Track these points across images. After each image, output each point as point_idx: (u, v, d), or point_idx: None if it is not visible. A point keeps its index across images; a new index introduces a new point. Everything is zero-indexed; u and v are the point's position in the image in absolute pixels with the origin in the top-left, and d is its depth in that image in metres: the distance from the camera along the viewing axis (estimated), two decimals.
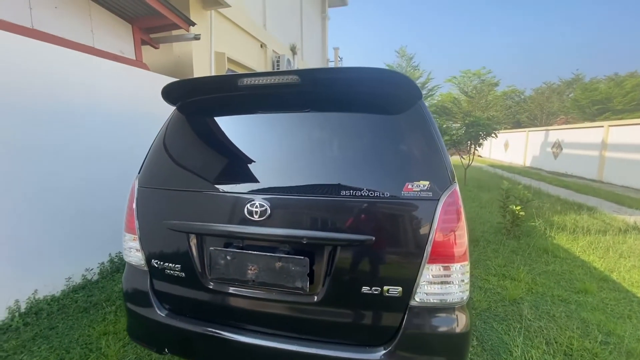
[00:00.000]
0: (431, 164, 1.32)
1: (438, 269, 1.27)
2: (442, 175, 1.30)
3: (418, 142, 1.37)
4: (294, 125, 1.53)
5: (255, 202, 1.35)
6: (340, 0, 13.56)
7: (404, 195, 1.27)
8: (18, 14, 2.71)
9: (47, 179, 2.76)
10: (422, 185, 1.27)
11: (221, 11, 5.54)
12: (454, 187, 1.30)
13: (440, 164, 1.32)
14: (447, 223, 1.26)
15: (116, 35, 3.74)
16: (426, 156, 1.34)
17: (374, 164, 1.35)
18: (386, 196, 1.28)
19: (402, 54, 29.37)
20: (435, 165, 1.32)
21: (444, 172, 1.31)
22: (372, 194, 1.28)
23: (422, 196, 1.26)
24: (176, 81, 1.64)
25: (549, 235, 4.70)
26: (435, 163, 1.32)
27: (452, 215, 1.27)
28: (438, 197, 1.26)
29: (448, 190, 1.28)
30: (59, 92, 2.77)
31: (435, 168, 1.32)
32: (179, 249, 1.52)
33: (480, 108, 25.58)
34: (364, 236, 1.27)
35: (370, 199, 1.28)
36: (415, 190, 1.27)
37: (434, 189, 1.27)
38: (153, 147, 1.72)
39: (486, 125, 8.75)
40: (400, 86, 1.42)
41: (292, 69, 7.90)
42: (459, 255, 1.28)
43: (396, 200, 1.28)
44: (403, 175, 1.30)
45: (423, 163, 1.33)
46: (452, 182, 1.31)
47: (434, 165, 1.32)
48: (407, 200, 1.27)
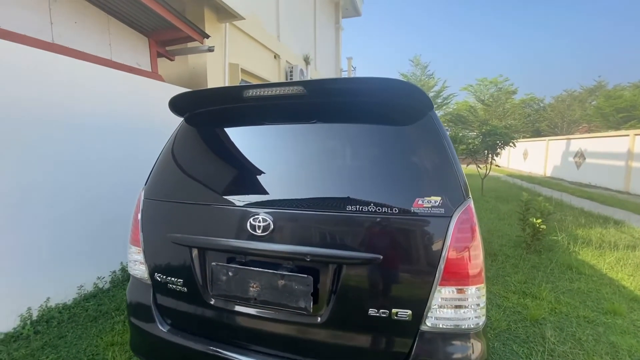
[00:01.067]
0: (443, 178, 1.24)
1: (451, 291, 1.18)
2: (455, 190, 1.22)
3: (429, 155, 1.30)
4: (299, 137, 1.49)
5: (259, 216, 1.31)
6: (354, 11, 13.67)
7: (414, 212, 1.19)
8: (39, 29, 2.81)
9: (64, 187, 2.81)
10: (433, 200, 1.19)
11: (235, 23, 5.65)
12: (468, 202, 1.22)
13: (452, 178, 1.24)
14: (460, 242, 1.17)
15: (133, 48, 3.85)
16: (438, 170, 1.27)
17: (382, 178, 1.29)
18: (395, 212, 1.20)
19: (416, 63, 29.34)
20: (448, 179, 1.24)
21: (457, 187, 1.23)
22: (379, 210, 1.21)
23: (433, 212, 1.18)
24: (183, 92, 1.63)
25: (572, 250, 4.46)
26: (448, 177, 1.24)
27: (466, 234, 1.18)
28: (451, 213, 1.18)
29: (462, 206, 1.20)
30: (74, 104, 2.84)
31: (447, 182, 1.24)
32: (182, 263, 1.48)
33: (497, 116, 25.11)
34: (371, 254, 1.20)
35: (378, 215, 1.21)
36: (426, 206, 1.19)
37: (446, 204, 1.19)
38: (160, 158, 1.71)
39: (504, 134, 8.51)
40: (409, 96, 1.36)
41: (305, 79, 7.94)
42: (474, 277, 1.18)
43: (406, 217, 1.20)
44: (413, 190, 1.23)
45: (434, 177, 1.25)
46: (465, 197, 1.22)
47: (446, 179, 1.24)
48: (418, 216, 1.19)
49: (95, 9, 3.34)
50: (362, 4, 13.86)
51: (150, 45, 4.06)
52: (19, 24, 2.68)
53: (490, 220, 6.17)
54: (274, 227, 1.29)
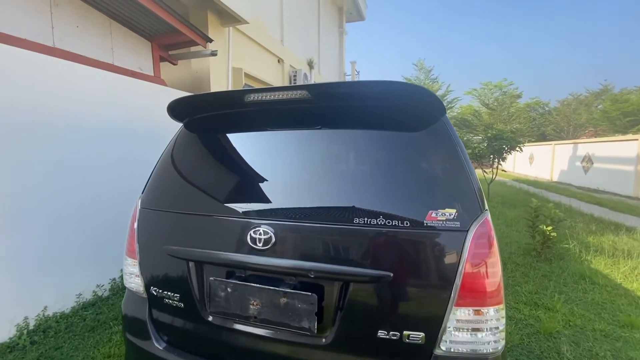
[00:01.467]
0: (458, 189, 1.16)
1: (467, 312, 1.08)
2: (470, 202, 1.13)
3: (442, 163, 1.21)
4: (303, 144, 1.41)
5: (260, 228, 1.23)
6: (358, 15, 13.66)
7: (427, 225, 1.10)
8: (40, 33, 2.78)
9: (63, 193, 2.75)
10: (448, 213, 1.10)
11: (239, 28, 5.61)
12: (485, 215, 1.13)
13: (468, 189, 1.15)
14: (478, 258, 1.08)
15: (135, 53, 3.81)
16: (452, 179, 1.18)
17: (392, 188, 1.20)
18: (406, 226, 1.11)
19: (420, 67, 29.29)
20: (463, 189, 1.15)
21: (473, 198, 1.14)
22: (390, 223, 1.12)
23: (448, 226, 1.09)
24: (182, 97, 1.56)
25: (584, 259, 4.32)
26: (463, 187, 1.16)
27: (483, 250, 1.09)
28: (467, 227, 1.09)
29: (478, 220, 1.11)
30: (73, 107, 2.79)
31: (462, 193, 1.15)
32: (178, 277, 1.40)
33: (502, 120, 24.89)
34: (381, 272, 1.11)
35: (388, 229, 1.12)
36: (440, 219, 1.10)
37: (462, 217, 1.10)
38: (158, 165, 1.64)
39: (510, 138, 8.39)
40: (420, 100, 1.28)
41: (309, 83, 7.88)
42: (493, 297, 1.09)
43: (418, 231, 1.11)
44: (426, 201, 1.14)
45: (448, 187, 1.16)
46: (482, 209, 1.13)
47: (461, 189, 1.15)
48: (431, 231, 1.10)
49: (98, 12, 3.31)
50: (366, 9, 13.84)
51: (153, 49, 4.03)
52: (20, 28, 2.64)
53: (497, 226, 6.04)
54: (275, 241, 1.21)
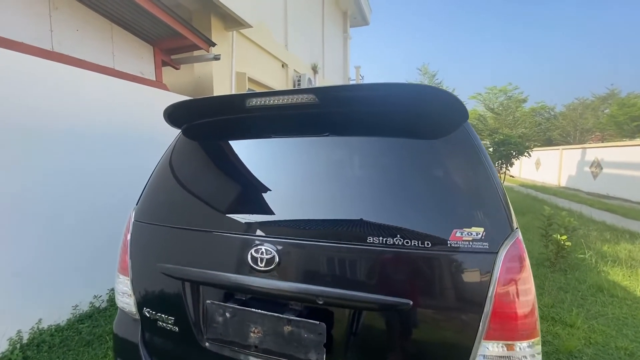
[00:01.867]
0: (484, 204, 1.03)
1: (498, 347, 0.95)
2: (499, 219, 1.00)
3: (466, 175, 1.09)
4: (309, 152, 1.29)
5: (261, 247, 1.10)
6: (362, 20, 13.62)
7: (451, 246, 0.97)
8: (38, 36, 2.70)
9: (61, 200, 2.66)
10: (474, 232, 0.97)
11: (243, 32, 5.55)
12: (517, 235, 1.00)
13: (496, 204, 1.02)
14: (510, 285, 0.95)
15: (137, 57, 3.74)
16: (477, 194, 1.05)
17: (410, 203, 1.07)
18: (428, 247, 0.98)
19: (424, 72, 29.22)
20: (490, 205, 1.02)
21: (502, 215, 1.01)
22: (408, 243, 0.99)
23: (475, 248, 0.96)
24: (180, 101, 1.45)
25: (601, 270, 4.13)
26: (490, 203, 1.03)
27: (516, 275, 0.96)
28: (496, 248, 0.96)
29: (509, 240, 0.98)
30: (73, 112, 2.70)
31: (490, 209, 1.02)
32: (173, 298, 1.28)
33: (507, 125, 24.65)
34: (399, 299, 0.98)
35: (406, 250, 0.99)
36: (465, 239, 0.97)
37: (490, 237, 0.97)
38: (153, 175, 1.53)
39: (518, 143, 8.24)
40: (441, 104, 1.15)
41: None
42: (527, 329, 0.95)
43: (441, 253, 0.98)
44: (449, 218, 1.01)
45: (474, 203, 1.03)
46: (513, 228, 1.00)
47: (488, 205, 1.02)
48: (455, 252, 0.97)
49: (98, 16, 3.24)
50: (370, 13, 13.80)
51: (155, 53, 3.95)
52: (17, 31, 2.57)
53: None
54: (279, 261, 1.08)
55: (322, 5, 9.97)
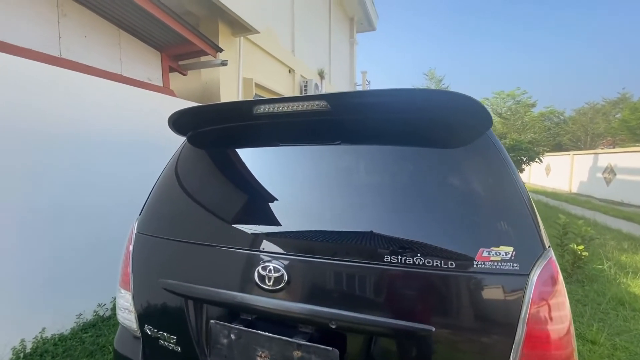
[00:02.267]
0: (513, 220, 0.94)
1: None
2: (530, 237, 0.91)
3: (490, 187, 1.00)
4: (320, 162, 1.21)
5: (269, 264, 1.03)
6: (369, 26, 13.62)
7: (477, 267, 0.89)
8: (46, 43, 2.70)
9: (66, 206, 2.63)
10: (503, 252, 0.88)
11: (250, 38, 5.54)
12: (550, 255, 0.91)
13: (525, 220, 0.93)
14: (543, 311, 0.86)
15: (144, 63, 3.73)
16: (504, 208, 0.96)
17: (430, 219, 0.99)
18: (451, 267, 0.90)
19: (430, 77, 29.11)
20: (519, 221, 0.94)
21: (533, 233, 0.92)
22: (429, 263, 0.91)
23: (504, 269, 0.88)
24: (185, 108, 1.40)
25: (620, 282, 3.96)
26: (519, 219, 0.94)
27: (550, 300, 0.87)
28: (528, 270, 0.87)
29: (542, 260, 0.89)
30: (79, 118, 2.68)
31: (519, 226, 0.93)
32: (175, 316, 1.21)
33: (515, 130, 24.34)
34: (419, 325, 0.89)
35: (427, 271, 0.91)
36: (493, 259, 0.88)
37: (521, 257, 0.88)
38: (157, 184, 1.47)
39: (529, 149, 8.07)
40: (461, 110, 1.07)
41: (320, 93, 7.77)
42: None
43: (466, 275, 0.89)
44: (474, 236, 0.93)
45: (501, 218, 0.95)
46: (545, 246, 0.91)
47: (517, 221, 0.94)
48: (482, 274, 0.89)
49: (106, 23, 3.24)
50: (377, 19, 13.79)
51: (163, 59, 3.94)
52: (26, 38, 2.56)
53: None
54: (288, 279, 1.01)
55: (328, 12, 9.98)
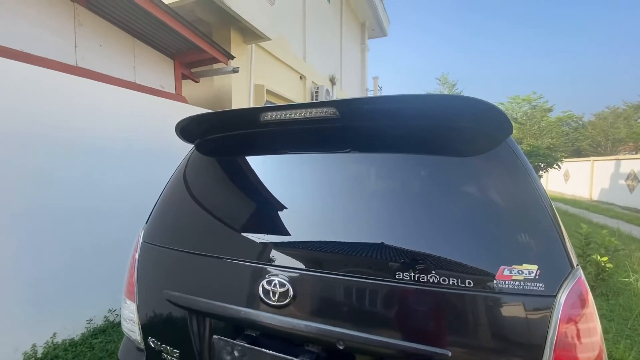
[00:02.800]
0: (537, 236, 0.87)
1: None
2: (556, 254, 0.84)
3: (511, 199, 0.93)
4: (329, 171, 1.16)
5: (275, 278, 0.98)
6: (380, 31, 13.60)
7: (497, 287, 0.82)
8: (63, 52, 2.76)
9: (80, 213, 2.65)
10: (526, 271, 0.81)
11: (262, 45, 5.58)
12: (579, 274, 0.83)
13: (550, 235, 0.86)
14: (572, 337, 0.78)
15: (157, 70, 3.78)
16: (527, 222, 0.89)
17: (446, 233, 0.92)
18: (469, 287, 0.83)
19: (443, 82, 28.81)
20: (544, 237, 0.86)
21: (559, 249, 0.84)
22: (445, 282, 0.84)
23: (527, 290, 0.80)
24: (193, 115, 1.37)
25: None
26: (543, 233, 0.87)
27: (580, 324, 0.79)
28: (554, 291, 0.80)
29: (570, 280, 0.81)
30: (90, 124, 2.72)
31: (543, 242, 0.86)
32: (179, 329, 1.17)
33: (532, 135, 23.75)
34: (434, 349, 0.83)
35: (443, 289, 0.85)
36: (516, 279, 0.81)
37: (546, 277, 0.81)
38: (164, 192, 1.45)
39: (547, 155, 7.81)
40: (479, 117, 1.01)
41: (331, 99, 7.76)
42: None
43: (485, 295, 0.83)
44: (493, 252, 0.86)
45: (523, 233, 0.88)
46: (573, 265, 0.84)
47: (542, 237, 0.86)
48: (503, 294, 0.82)
49: (121, 31, 3.30)
50: (388, 25, 13.77)
51: (175, 67, 4.00)
52: (43, 47, 2.62)
53: None
54: (294, 295, 0.96)
55: (340, 18, 10.01)
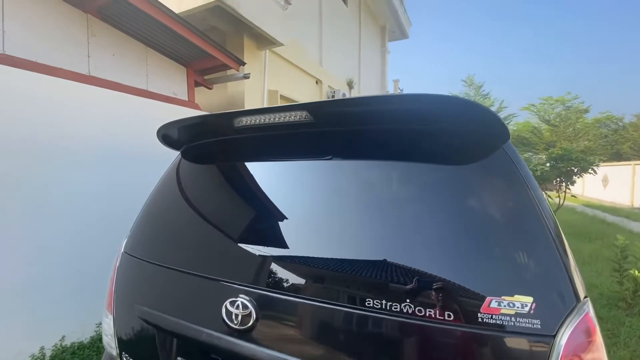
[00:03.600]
0: (533, 260, 0.72)
1: None
2: (557, 284, 0.69)
3: (504, 215, 0.79)
4: (308, 180, 1.07)
5: (238, 299, 0.89)
6: (401, 34, 13.36)
7: (483, 322, 0.68)
8: (76, 61, 2.85)
9: (92, 218, 2.72)
10: (518, 303, 0.67)
11: (276, 50, 5.59)
12: (586, 309, 0.68)
13: (551, 261, 0.72)
14: None
15: (170, 78, 3.85)
16: (522, 244, 0.75)
17: (424, 256, 0.80)
18: (448, 320, 0.70)
19: (469, 83, 27.94)
20: (542, 262, 0.72)
21: (562, 277, 0.70)
22: (421, 312, 0.72)
23: (519, 327, 0.66)
24: (172, 121, 1.33)
25: None
26: (542, 258, 0.72)
27: None
28: (553, 330, 0.65)
29: (574, 317, 0.66)
30: (106, 134, 2.78)
31: (542, 268, 0.71)
32: (149, 347, 1.11)
33: (566, 138, 22.40)
34: None
35: (416, 321, 0.72)
36: (505, 312, 0.67)
37: (544, 312, 0.67)
38: (147, 202, 1.41)
39: (580, 159, 7.24)
40: (471, 121, 0.88)
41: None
42: None
43: (467, 330, 0.69)
44: (479, 279, 0.72)
45: (517, 257, 0.73)
46: (579, 297, 0.69)
47: (540, 262, 0.72)
48: (489, 331, 0.68)
49: (134, 41, 3.39)
50: (409, 27, 13.50)
51: (188, 74, 4.06)
52: (57, 58, 2.72)
53: None
54: (256, 318, 0.86)
55: (358, 22, 9.92)
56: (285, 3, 4.96)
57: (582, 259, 5.31)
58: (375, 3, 10.75)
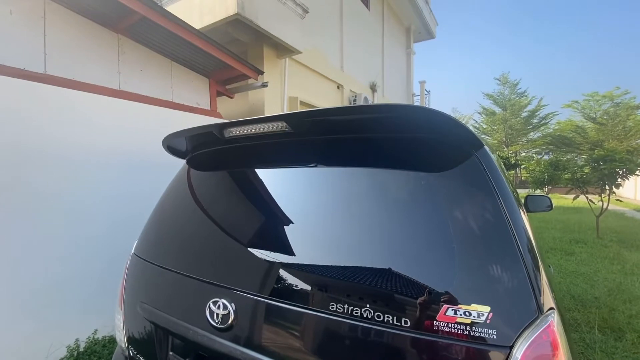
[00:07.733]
0: (495, 269, 0.71)
1: None
2: (518, 294, 0.68)
3: (469, 223, 0.78)
4: (295, 187, 1.11)
5: (219, 300, 0.95)
6: (427, 34, 13.09)
7: (438, 330, 0.68)
8: (107, 78, 3.12)
9: (130, 220, 2.91)
10: (474, 312, 0.67)
11: (295, 58, 5.71)
12: (548, 321, 0.66)
13: (513, 270, 0.70)
14: None
15: (193, 89, 4.08)
16: (485, 252, 0.74)
17: (388, 259, 0.81)
18: (405, 325, 0.71)
19: (504, 82, 26.73)
20: (504, 271, 0.70)
21: (523, 288, 0.68)
22: (379, 318, 0.73)
23: (474, 336, 0.66)
24: (175, 132, 1.43)
25: None
26: (504, 268, 0.71)
27: None
28: (510, 341, 0.64)
29: (534, 329, 0.64)
30: (134, 144, 3.01)
31: (503, 278, 0.70)
32: (147, 342, 1.20)
33: (615, 136, 20.64)
34: None
35: (375, 326, 0.73)
36: (460, 321, 0.67)
37: (500, 322, 0.65)
38: (155, 208, 1.52)
39: (626, 160, 6.66)
40: (440, 130, 0.88)
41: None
42: None
43: (422, 337, 0.70)
44: (438, 287, 0.72)
45: (478, 266, 0.73)
46: (541, 309, 0.66)
47: (501, 271, 0.71)
48: (444, 339, 0.68)
49: (160, 56, 3.63)
50: (436, 26, 13.20)
51: (210, 84, 4.27)
52: (91, 75, 3.00)
53: (611, 274, 4.67)
54: (235, 318, 0.91)
55: (381, 24, 9.87)
56: (303, 12, 5.08)
57: (626, 269, 4.86)
58: (399, 5, 10.64)
